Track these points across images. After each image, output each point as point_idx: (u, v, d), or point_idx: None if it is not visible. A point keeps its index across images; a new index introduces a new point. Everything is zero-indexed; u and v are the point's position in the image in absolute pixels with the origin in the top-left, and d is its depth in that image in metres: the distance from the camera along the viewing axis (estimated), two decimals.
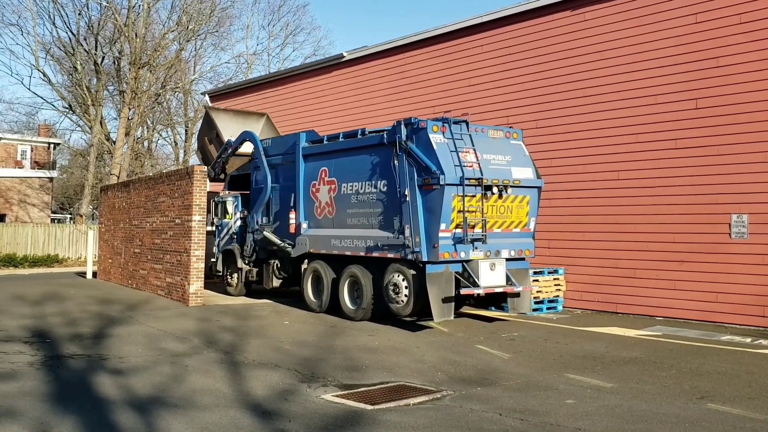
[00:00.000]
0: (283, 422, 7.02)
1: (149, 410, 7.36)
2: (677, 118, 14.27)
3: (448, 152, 12.35)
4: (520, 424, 7.02)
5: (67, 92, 43.23)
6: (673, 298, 14.17)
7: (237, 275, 17.73)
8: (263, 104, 25.14)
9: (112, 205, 21.93)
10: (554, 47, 16.40)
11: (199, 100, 48.50)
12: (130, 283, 19.85)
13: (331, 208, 14.56)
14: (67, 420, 6.95)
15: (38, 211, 45.16)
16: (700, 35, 14.03)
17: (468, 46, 18.28)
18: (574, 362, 10.15)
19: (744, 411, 7.55)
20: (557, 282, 15.66)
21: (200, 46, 49.14)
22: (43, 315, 14.14)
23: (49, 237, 32.98)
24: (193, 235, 16.07)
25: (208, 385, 8.58)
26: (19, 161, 46.38)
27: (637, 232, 14.77)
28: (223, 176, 18.93)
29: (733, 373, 9.45)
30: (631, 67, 15.00)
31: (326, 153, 14.93)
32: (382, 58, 20.68)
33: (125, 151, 40.83)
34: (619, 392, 8.38)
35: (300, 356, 10.44)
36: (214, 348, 11.02)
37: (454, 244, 12.34)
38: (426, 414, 7.38)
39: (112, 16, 39.04)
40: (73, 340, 11.36)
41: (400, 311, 12.87)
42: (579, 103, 15.86)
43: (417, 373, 9.43)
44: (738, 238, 13.37)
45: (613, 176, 15.23)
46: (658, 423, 7.06)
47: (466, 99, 17.89)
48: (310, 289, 15.25)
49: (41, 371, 9.13)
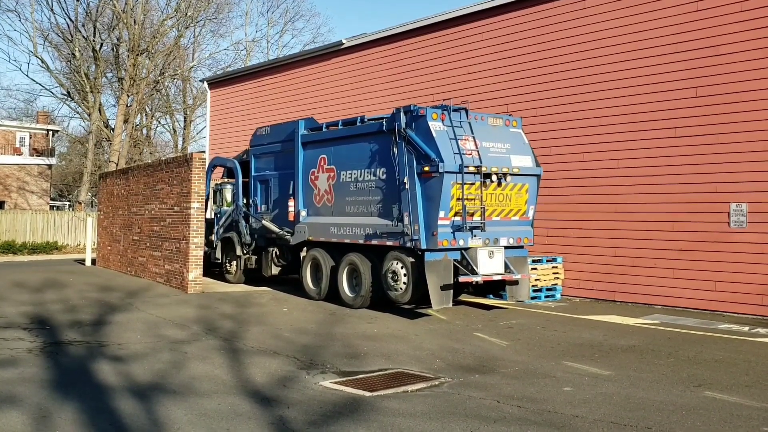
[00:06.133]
0: (282, 409, 7.05)
1: (149, 397, 7.38)
2: (677, 107, 14.25)
3: (447, 140, 12.33)
4: (518, 411, 7.05)
5: (66, 79, 43.10)
6: (671, 287, 14.20)
7: (236, 263, 17.74)
8: (262, 91, 25.08)
9: (111, 192, 21.91)
10: (554, 35, 16.34)
11: (198, 87, 48.38)
12: (129, 270, 19.87)
13: (330, 195, 14.56)
14: (66, 406, 6.97)
15: (37, 198, 45.11)
16: (700, 23, 13.99)
17: (467, 34, 18.21)
18: (572, 350, 10.19)
19: (741, 399, 7.58)
20: (556, 270, 15.68)
21: (199, 32, 48.98)
22: (43, 302, 14.15)
23: (48, 224, 32.98)
24: (191, 222, 16.07)
25: (208, 371, 8.61)
26: (18, 148, 46.28)
27: (636, 221, 14.78)
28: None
29: (730, 361, 9.49)
30: (631, 55, 14.96)
31: (325, 140, 14.91)
32: (382, 46, 20.61)
33: (124, 139, 40.77)
34: (616, 380, 8.41)
35: (299, 343, 10.47)
36: (213, 335, 11.04)
37: (452, 231, 12.35)
38: (424, 401, 7.40)
39: (111, 2, 38.86)
40: (72, 327, 11.39)
41: (399, 299, 12.90)
42: (578, 92, 15.82)
43: (415, 360, 9.46)
44: (737, 226, 13.39)
45: (612, 164, 15.23)
46: (655, 410, 7.09)
47: (465, 87, 17.84)
48: (309, 277, 15.27)
49: (41, 358, 9.15)
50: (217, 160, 19.88)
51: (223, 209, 18.54)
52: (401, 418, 6.75)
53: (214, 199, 18.98)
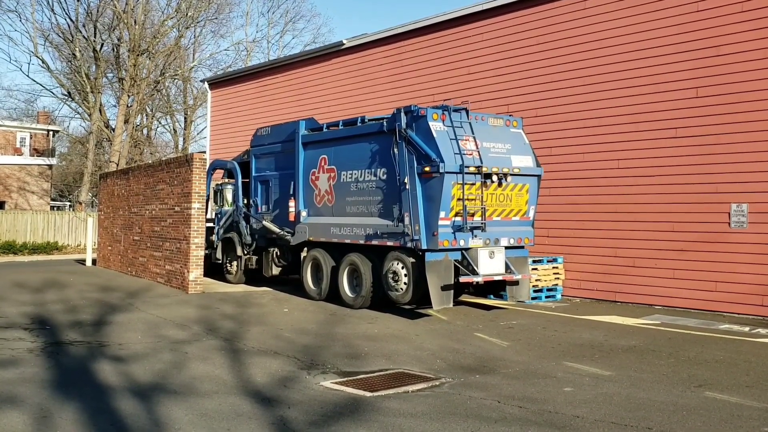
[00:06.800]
0: (282, 409, 7.05)
1: (149, 397, 7.38)
2: (678, 107, 14.24)
3: (447, 140, 12.33)
4: (519, 411, 7.05)
5: (66, 79, 43.11)
6: (672, 287, 14.19)
7: (236, 263, 17.75)
8: (263, 92, 25.09)
9: (112, 192, 21.92)
10: (555, 35, 16.34)
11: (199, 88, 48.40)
12: (129, 270, 19.87)
13: (331, 196, 14.56)
14: (67, 406, 6.98)
15: (37, 198, 45.13)
16: (701, 23, 13.98)
17: (468, 34, 18.21)
18: (572, 350, 10.19)
19: (742, 399, 7.58)
20: (556, 270, 15.68)
21: (199, 33, 49.03)
22: (43, 302, 14.16)
23: (49, 224, 32.99)
24: (192, 222, 16.08)
25: (208, 372, 8.61)
26: (18, 148, 46.31)
27: (637, 221, 14.77)
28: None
29: (731, 361, 9.49)
30: (632, 55, 14.95)
31: (326, 141, 14.91)
32: (382, 46, 20.61)
33: (124, 139, 40.79)
34: (617, 380, 8.41)
35: (300, 343, 10.47)
36: (214, 335, 11.04)
37: (453, 232, 12.35)
38: (425, 401, 7.40)
39: (111, 2, 38.89)
40: (73, 327, 11.39)
41: (400, 299, 12.89)
42: (579, 92, 15.82)
43: (416, 360, 9.45)
44: (737, 227, 13.38)
45: (613, 165, 15.22)
46: (655, 411, 7.09)
47: (466, 87, 17.84)
48: (309, 277, 15.27)
49: (41, 358, 9.15)
50: (217, 163, 19.91)
51: (223, 210, 18.54)
52: (402, 419, 6.75)
53: (215, 199, 18.99)
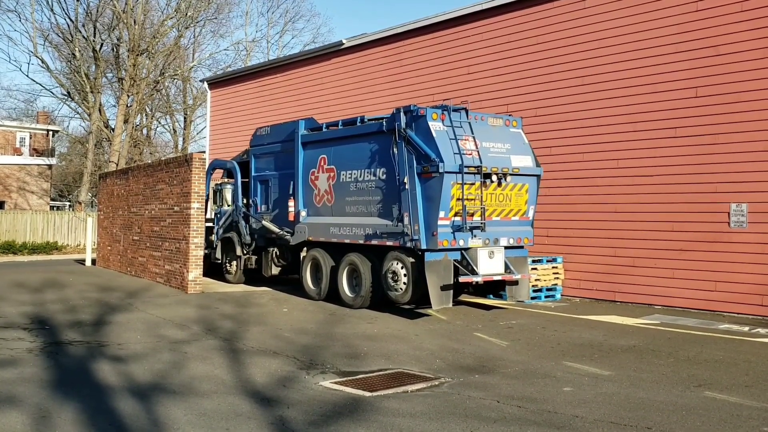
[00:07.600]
0: (282, 409, 7.04)
1: (149, 397, 7.38)
2: (677, 107, 14.24)
3: (447, 140, 12.33)
4: (518, 411, 7.05)
5: (66, 79, 43.10)
6: (671, 287, 14.19)
7: (236, 263, 17.74)
8: (262, 91, 25.08)
9: (111, 192, 21.91)
10: (554, 35, 16.34)
11: (198, 88, 48.39)
12: (129, 270, 19.87)
13: (330, 196, 14.55)
14: (66, 406, 6.97)
15: (37, 198, 45.11)
16: (700, 23, 13.98)
17: (467, 34, 18.21)
18: (571, 350, 10.18)
19: (741, 399, 7.58)
20: (556, 270, 15.68)
21: (199, 33, 49.02)
22: (43, 302, 14.15)
23: (48, 224, 32.97)
24: (191, 222, 16.07)
25: (208, 372, 8.61)
26: (18, 148, 46.29)
27: (636, 221, 14.77)
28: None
29: (730, 361, 9.49)
30: (631, 55, 14.95)
31: (325, 141, 14.91)
32: (382, 46, 20.61)
33: (124, 139, 40.78)
34: (616, 380, 8.41)
35: (299, 343, 10.47)
36: (213, 335, 11.04)
37: (452, 232, 12.34)
38: (424, 401, 7.40)
39: (111, 2, 38.87)
40: (72, 327, 11.38)
41: (399, 299, 12.89)
42: (579, 92, 15.82)
43: (415, 360, 9.45)
44: (737, 227, 13.38)
45: (612, 165, 15.22)
46: (655, 410, 7.09)
47: (465, 87, 17.84)
48: (309, 277, 15.27)
49: (41, 358, 9.15)
50: (216, 163, 19.91)
51: (223, 209, 18.54)
52: (401, 418, 6.75)
53: (214, 199, 18.99)
